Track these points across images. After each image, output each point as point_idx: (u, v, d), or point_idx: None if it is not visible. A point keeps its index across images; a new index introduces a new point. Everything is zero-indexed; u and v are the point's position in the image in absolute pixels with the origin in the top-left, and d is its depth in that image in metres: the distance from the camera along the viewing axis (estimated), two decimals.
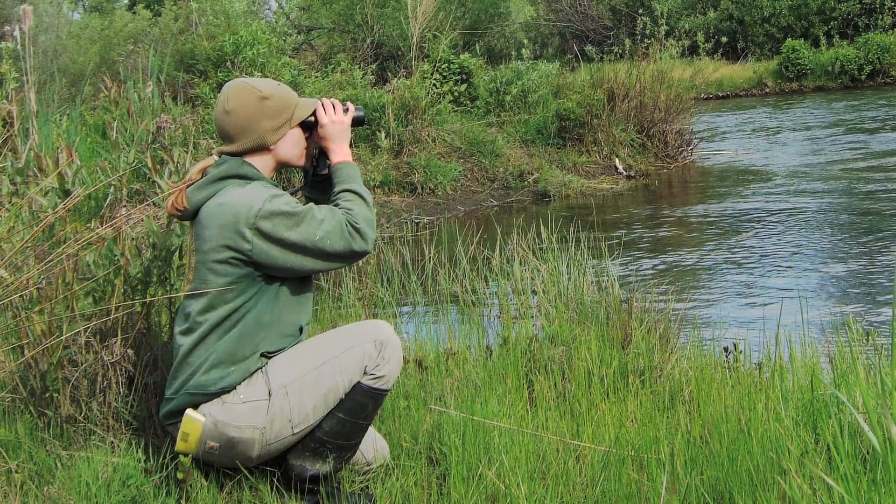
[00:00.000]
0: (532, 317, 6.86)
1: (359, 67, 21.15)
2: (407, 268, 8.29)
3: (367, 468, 4.68)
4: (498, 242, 8.11)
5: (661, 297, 8.71)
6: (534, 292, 7.26)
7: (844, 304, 9.20)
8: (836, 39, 41.24)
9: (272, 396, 4.14)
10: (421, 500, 4.36)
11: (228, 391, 4.13)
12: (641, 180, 18.55)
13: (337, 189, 4.40)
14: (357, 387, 4.27)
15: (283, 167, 4.54)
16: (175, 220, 4.87)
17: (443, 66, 20.33)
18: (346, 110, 4.62)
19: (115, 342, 4.68)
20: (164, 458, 4.36)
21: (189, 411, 4.10)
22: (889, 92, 32.87)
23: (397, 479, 4.51)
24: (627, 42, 21.60)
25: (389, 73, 26.00)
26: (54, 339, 4.57)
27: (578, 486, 4.41)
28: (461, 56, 21.41)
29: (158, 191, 5.65)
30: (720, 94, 38.20)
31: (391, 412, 5.28)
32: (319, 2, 43.01)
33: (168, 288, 5.00)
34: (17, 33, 8.61)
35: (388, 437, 4.98)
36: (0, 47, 7.53)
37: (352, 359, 4.25)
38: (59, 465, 4.33)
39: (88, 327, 4.65)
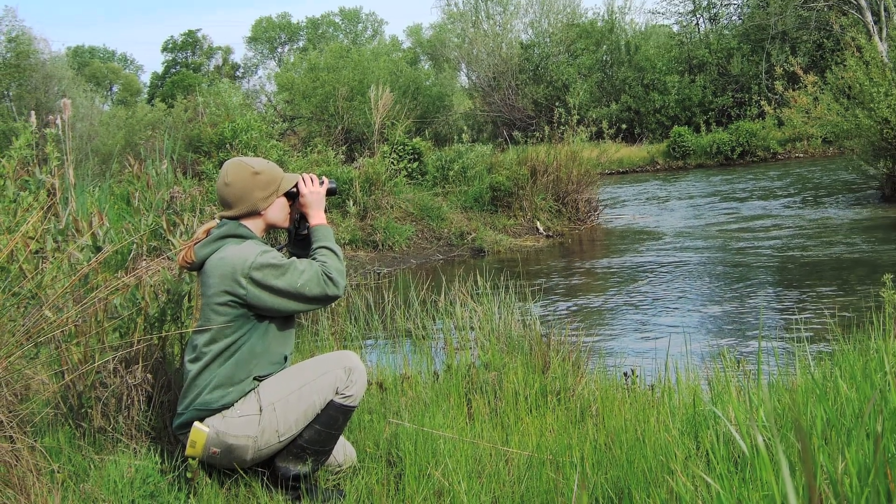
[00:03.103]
0: (470, 348, 6.85)
1: (332, 149, 21.20)
2: (370, 309, 8.28)
3: (339, 469, 4.69)
4: (443, 288, 8.12)
5: (573, 332, 8.74)
6: (472, 328, 7.26)
7: (720, 338, 9.26)
8: (713, 126, 41.79)
9: (263, 412, 4.17)
10: (381, 496, 4.37)
11: (228, 407, 4.15)
12: (558, 239, 18.60)
13: (314, 246, 4.45)
14: (330, 404, 4.30)
15: (271, 228, 4.57)
16: (185, 270, 4.89)
17: (399, 148, 20.38)
18: (321, 183, 4.67)
19: (137, 368, 4.68)
20: (176, 461, 4.36)
21: (196, 423, 4.12)
22: (756, 168, 33.23)
23: (362, 478, 4.51)
24: (546, 128, 21.69)
25: (356, 153, 25.99)
26: (88, 365, 4.56)
27: (507, 483, 4.43)
28: (414, 139, 21.49)
29: (172, 247, 5.67)
30: (620, 170, 38.48)
31: (357, 424, 5.28)
32: (300, 96, 43.18)
33: (179, 325, 5.00)
34: (58, 121, 8.60)
35: (356, 444, 4.99)
36: (45, 133, 7.54)
37: (326, 381, 4.29)
38: (92, 466, 4.31)
39: (116, 356, 4.65)
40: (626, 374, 6.46)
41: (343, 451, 4.72)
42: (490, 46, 54.34)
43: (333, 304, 7.31)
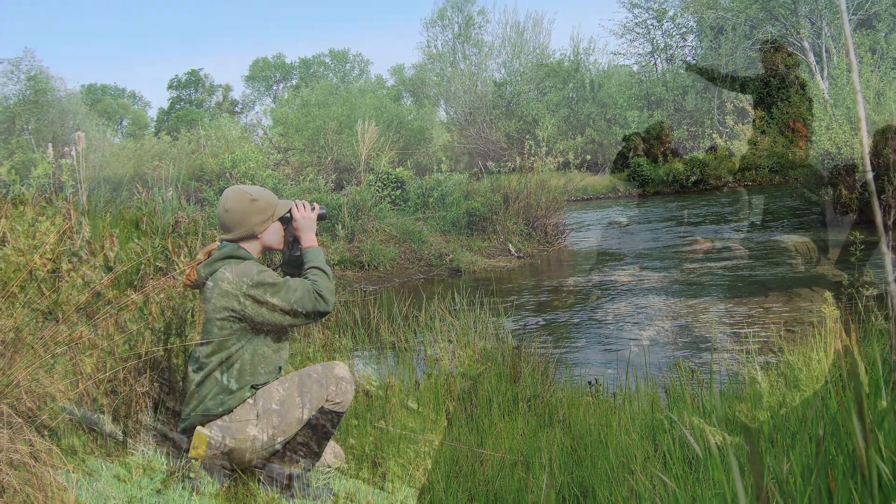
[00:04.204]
0: (448, 359, 6.89)
1: (322, 177, 21.18)
2: (358, 323, 8.29)
3: (329, 469, 4.70)
4: (423, 305, 8.14)
5: (542, 345, 8.77)
6: (449, 341, 7.28)
7: (675, 350, 9.28)
8: (669, 157, 41.93)
9: (260, 417, 4.18)
10: (368, 494, 4.39)
11: (228, 413, 4.17)
12: (528, 260, 18.63)
13: (306, 266, 4.47)
14: (321, 410, 4.31)
15: (267, 250, 4.59)
16: (188, 288, 4.91)
17: (383, 177, 20.41)
18: (313, 209, 4.70)
19: (145, 377, 4.68)
20: (181, 462, 4.38)
21: (199, 428, 4.13)
22: (708, 196, 33.35)
23: (350, 478, 4.54)
24: (518, 159, 21.75)
25: (345, 182, 26.05)
26: (100, 375, 4.57)
27: (482, 482, 4.45)
28: (397, 169, 21.49)
29: (177, 267, 5.67)
30: (585, 197, 38.53)
31: (346, 428, 5.29)
32: (294, 130, 43.05)
33: (183, 338, 5.01)
34: (73, 153, 8.61)
35: (344, 447, 5.00)
36: (61, 163, 7.54)
37: (318, 389, 4.30)
38: (104, 466, 4.31)
39: (125, 366, 4.66)
40: (590, 382, 6.50)
41: (333, 452, 4.73)
42: (466, 84, 54.49)
43: (324, 319, 7.32)
